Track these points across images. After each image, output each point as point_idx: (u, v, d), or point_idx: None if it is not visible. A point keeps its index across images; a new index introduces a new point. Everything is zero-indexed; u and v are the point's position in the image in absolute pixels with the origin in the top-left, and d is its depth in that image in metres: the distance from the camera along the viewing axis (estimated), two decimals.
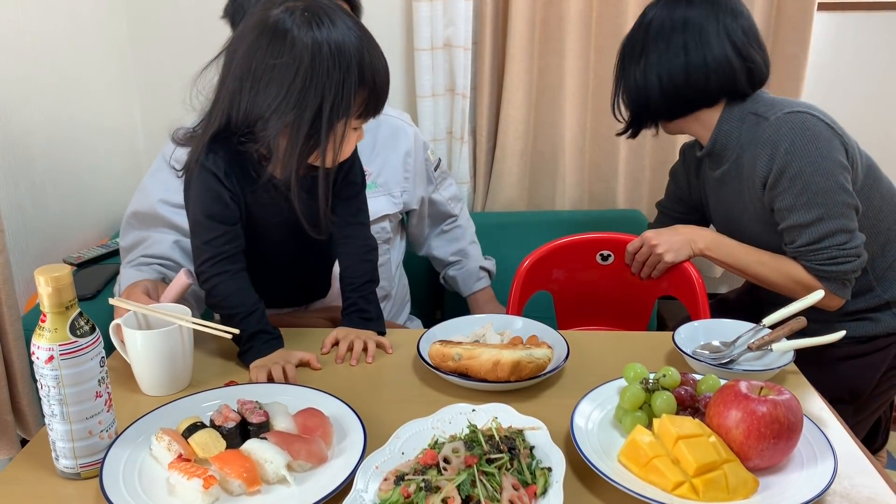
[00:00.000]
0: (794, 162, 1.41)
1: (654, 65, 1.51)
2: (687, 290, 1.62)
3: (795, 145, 1.41)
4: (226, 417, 1.00)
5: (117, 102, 2.24)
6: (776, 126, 1.44)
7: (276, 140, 1.14)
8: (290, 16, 1.12)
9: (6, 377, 1.48)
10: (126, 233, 1.53)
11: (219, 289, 1.23)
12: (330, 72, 1.11)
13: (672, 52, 1.49)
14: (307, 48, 1.10)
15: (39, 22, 1.84)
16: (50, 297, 0.90)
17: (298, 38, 1.11)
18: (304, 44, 1.10)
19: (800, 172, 1.41)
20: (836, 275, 1.44)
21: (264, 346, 1.24)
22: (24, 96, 1.76)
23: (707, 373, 1.10)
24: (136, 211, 1.53)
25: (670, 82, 1.51)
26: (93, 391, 0.94)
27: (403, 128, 1.71)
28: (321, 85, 1.11)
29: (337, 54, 1.11)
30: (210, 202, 1.21)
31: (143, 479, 0.94)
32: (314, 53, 1.10)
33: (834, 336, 1.17)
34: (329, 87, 1.11)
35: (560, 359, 1.18)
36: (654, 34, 1.51)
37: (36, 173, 1.80)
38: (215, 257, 1.23)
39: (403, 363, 1.25)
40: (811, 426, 0.98)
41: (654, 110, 1.57)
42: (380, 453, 0.94)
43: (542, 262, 1.72)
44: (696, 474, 0.87)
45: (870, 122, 2.40)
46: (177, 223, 1.51)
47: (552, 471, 0.90)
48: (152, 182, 1.54)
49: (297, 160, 1.15)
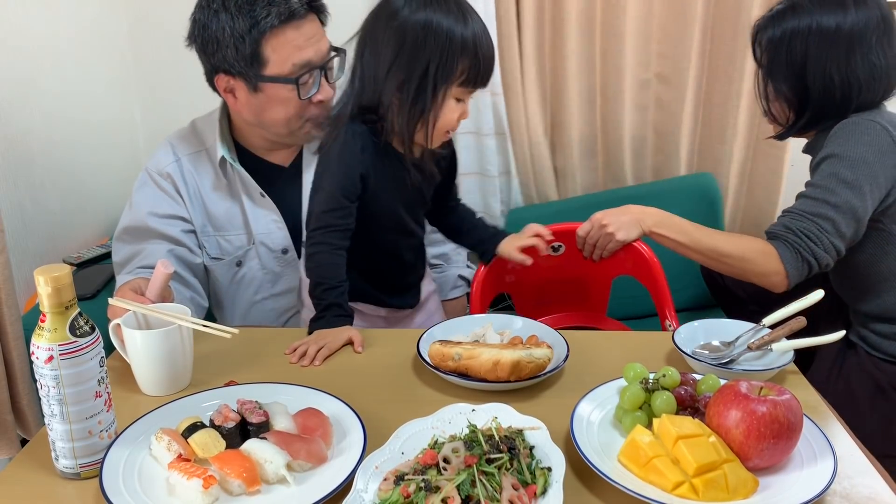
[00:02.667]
0: (835, 149, 1.44)
1: (860, 64, 1.46)
2: (644, 269, 1.64)
3: (843, 137, 1.44)
4: (225, 417, 1.00)
5: (117, 102, 2.24)
6: (843, 124, 1.46)
7: (390, 108, 1.31)
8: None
9: (6, 377, 1.48)
10: (119, 249, 1.54)
11: (318, 257, 1.34)
12: (437, 38, 1.27)
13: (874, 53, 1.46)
14: (416, 24, 1.27)
15: (39, 22, 1.84)
16: (49, 296, 0.90)
17: (409, 17, 1.27)
18: (415, 20, 1.27)
19: (832, 155, 1.44)
20: (799, 246, 1.42)
21: (334, 318, 1.32)
22: (24, 96, 1.76)
23: (707, 373, 1.10)
24: (127, 226, 1.54)
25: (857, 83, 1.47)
26: (92, 391, 0.94)
27: None
28: (428, 50, 1.27)
29: (444, 29, 1.27)
30: (342, 177, 1.35)
31: (143, 479, 0.94)
32: (421, 27, 1.27)
33: (834, 336, 1.17)
34: (434, 53, 1.27)
35: (560, 359, 1.18)
36: (859, 35, 1.45)
37: (36, 173, 1.80)
38: (329, 227, 1.34)
39: (403, 363, 1.25)
40: (811, 426, 0.98)
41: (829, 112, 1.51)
42: (379, 453, 0.94)
43: (496, 264, 1.67)
44: (696, 474, 0.87)
45: None
46: (168, 234, 1.52)
47: (552, 471, 0.89)
48: (139, 196, 1.55)
49: (407, 125, 1.32)
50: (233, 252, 1.58)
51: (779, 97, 1.54)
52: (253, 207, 1.56)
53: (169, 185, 1.54)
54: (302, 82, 1.44)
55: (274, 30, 1.39)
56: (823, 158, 1.46)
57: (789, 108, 1.54)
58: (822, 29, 1.45)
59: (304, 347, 1.27)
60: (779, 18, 1.50)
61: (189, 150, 1.57)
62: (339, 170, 1.36)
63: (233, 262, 1.59)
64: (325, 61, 1.47)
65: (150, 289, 1.27)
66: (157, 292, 1.26)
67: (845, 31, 1.44)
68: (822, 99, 1.48)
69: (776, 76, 1.52)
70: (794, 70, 1.49)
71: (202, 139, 1.58)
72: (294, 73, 1.42)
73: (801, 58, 1.47)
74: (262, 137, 1.55)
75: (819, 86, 1.47)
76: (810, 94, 1.49)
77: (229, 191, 1.57)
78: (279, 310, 1.64)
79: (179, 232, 1.53)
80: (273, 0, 1.38)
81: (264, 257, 1.59)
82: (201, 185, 1.56)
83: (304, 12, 1.41)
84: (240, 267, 1.59)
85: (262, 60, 1.41)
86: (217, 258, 1.59)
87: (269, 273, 1.61)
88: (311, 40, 1.43)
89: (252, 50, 1.40)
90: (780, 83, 1.52)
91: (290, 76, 1.42)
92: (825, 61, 1.45)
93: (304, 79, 1.44)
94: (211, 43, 1.41)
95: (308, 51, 1.43)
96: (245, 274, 1.60)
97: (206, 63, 1.46)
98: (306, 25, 1.42)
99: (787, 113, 1.55)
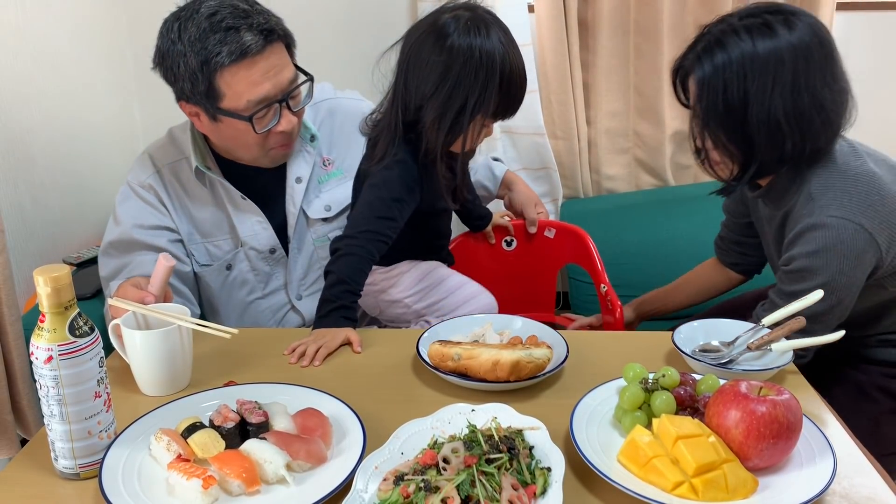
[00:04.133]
0: (815, 268, 1.31)
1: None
2: (585, 255, 1.84)
3: (823, 254, 1.30)
4: (225, 417, 1.00)
5: (117, 102, 2.24)
6: (817, 227, 1.30)
7: (429, 128, 1.37)
8: (455, 22, 1.35)
9: (6, 377, 1.48)
10: (105, 263, 1.53)
11: (353, 259, 1.36)
12: (477, 73, 1.33)
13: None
14: (461, 52, 1.33)
15: (39, 22, 1.84)
16: (49, 297, 0.90)
17: (457, 43, 1.33)
18: (461, 48, 1.33)
19: (815, 276, 1.31)
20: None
21: (341, 319, 1.33)
22: (24, 96, 1.76)
23: (706, 373, 1.10)
24: (113, 241, 1.52)
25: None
26: (92, 391, 0.94)
27: (358, 108, 1.69)
28: (468, 84, 1.33)
29: (487, 61, 1.33)
30: (402, 189, 1.41)
31: (143, 480, 0.94)
32: (466, 58, 1.33)
33: (834, 336, 1.17)
34: (474, 88, 1.34)
35: (559, 359, 1.18)
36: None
37: (36, 173, 1.80)
38: (376, 234, 1.39)
39: (403, 363, 1.25)
40: (810, 426, 0.98)
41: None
42: (379, 453, 0.94)
43: (460, 252, 1.82)
44: (696, 474, 0.87)
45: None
46: (156, 245, 1.51)
47: (551, 471, 0.89)
48: (123, 210, 1.53)
49: (441, 145, 1.38)
50: (222, 256, 1.58)
51: (717, 147, 1.35)
52: (236, 211, 1.55)
53: (152, 197, 1.53)
54: (258, 117, 1.40)
55: (226, 67, 1.35)
56: (795, 265, 1.33)
57: (732, 160, 1.35)
58: (759, 63, 1.26)
59: (303, 347, 1.27)
60: (706, 54, 1.30)
61: (169, 160, 1.55)
62: (401, 183, 1.41)
63: (222, 266, 1.58)
64: (285, 93, 1.42)
65: (153, 283, 1.26)
66: (160, 286, 1.26)
67: (786, 67, 1.26)
68: (768, 145, 1.30)
69: (712, 123, 1.32)
70: (733, 114, 1.29)
71: (181, 148, 1.56)
72: (248, 109, 1.38)
73: (741, 98, 1.28)
74: (234, 154, 1.54)
75: (763, 129, 1.28)
76: (754, 140, 1.30)
77: (211, 197, 1.55)
78: (273, 308, 1.64)
79: (167, 242, 1.52)
80: (225, 38, 1.33)
81: (253, 259, 1.59)
82: (184, 194, 1.55)
83: (259, 47, 1.36)
84: (230, 270, 1.59)
85: (217, 94, 1.38)
86: (207, 265, 1.58)
87: (260, 273, 1.61)
88: (269, 74, 1.38)
89: (206, 85, 1.36)
90: (718, 130, 1.32)
91: (244, 112, 1.39)
92: (768, 99, 1.27)
93: (261, 113, 1.40)
94: (170, 72, 1.39)
95: (264, 86, 1.38)
96: (236, 277, 1.60)
97: (171, 87, 1.45)
98: (262, 61, 1.37)
99: (731, 165, 1.36)
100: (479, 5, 1.40)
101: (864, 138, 1.47)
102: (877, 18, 2.41)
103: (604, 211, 2.42)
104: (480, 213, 1.84)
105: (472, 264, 1.85)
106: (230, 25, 1.34)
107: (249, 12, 1.37)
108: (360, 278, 1.37)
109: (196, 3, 1.38)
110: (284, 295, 1.64)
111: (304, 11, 2.31)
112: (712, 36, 1.31)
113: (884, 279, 1.37)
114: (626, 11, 2.35)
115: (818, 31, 1.29)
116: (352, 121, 1.66)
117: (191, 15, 1.36)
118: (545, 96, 2.44)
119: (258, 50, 1.36)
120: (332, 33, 2.42)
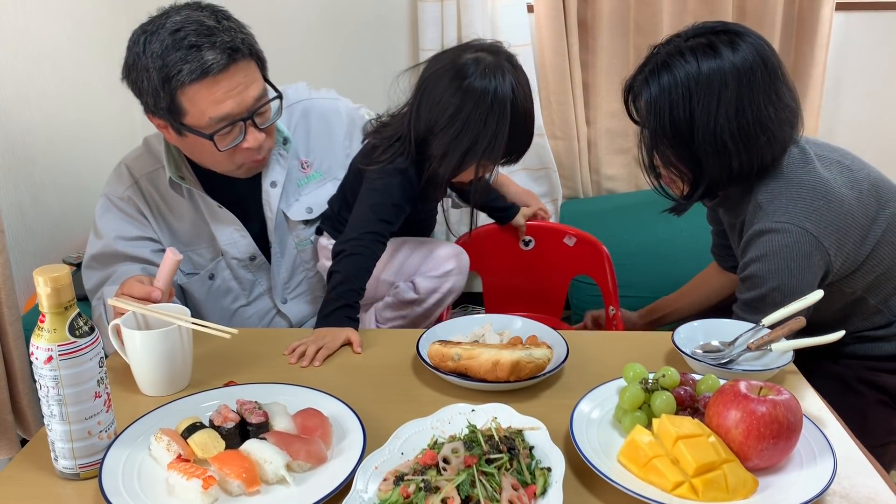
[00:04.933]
0: (763, 273, 1.34)
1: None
2: (599, 271, 1.81)
3: (770, 258, 1.33)
4: (225, 418, 1.00)
5: (117, 102, 2.24)
6: (763, 233, 1.34)
7: (435, 158, 1.42)
8: (475, 65, 1.39)
9: (6, 377, 1.48)
10: (90, 276, 1.52)
11: (359, 259, 1.40)
12: (487, 120, 1.38)
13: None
14: (474, 96, 1.37)
15: (39, 22, 1.84)
16: (49, 297, 0.90)
17: (472, 86, 1.37)
18: (475, 92, 1.37)
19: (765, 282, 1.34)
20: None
21: (344, 318, 1.34)
22: (24, 96, 1.76)
23: (706, 373, 1.10)
24: (95, 254, 1.51)
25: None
26: (92, 391, 0.94)
27: (333, 107, 1.68)
28: (477, 129, 1.38)
29: (498, 109, 1.38)
30: (401, 196, 1.47)
31: (143, 480, 0.93)
32: (478, 102, 1.37)
33: (833, 336, 1.17)
34: (484, 133, 1.38)
35: (559, 359, 1.18)
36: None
37: (36, 173, 1.80)
38: (378, 234, 1.43)
39: (403, 363, 1.25)
40: (810, 426, 0.98)
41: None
42: (379, 453, 0.94)
43: (478, 243, 1.82)
44: (696, 474, 0.87)
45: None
46: (139, 255, 1.50)
47: (552, 471, 0.89)
48: (104, 223, 1.52)
49: (444, 178, 1.45)
50: (205, 265, 1.57)
51: (667, 166, 1.38)
52: (213, 221, 1.54)
53: (131, 209, 1.52)
54: (221, 134, 1.37)
55: (186, 85, 1.32)
56: (750, 276, 1.36)
57: (682, 179, 1.38)
58: (703, 84, 1.29)
59: (304, 347, 1.27)
60: (653, 76, 1.33)
61: (146, 170, 1.54)
62: (401, 190, 1.46)
63: (206, 275, 1.57)
64: (251, 111, 1.39)
65: (160, 278, 1.26)
66: (167, 281, 1.25)
67: (729, 87, 1.28)
68: (715, 163, 1.32)
69: (660, 143, 1.35)
70: (680, 134, 1.32)
71: (157, 157, 1.54)
72: (210, 127, 1.35)
73: (687, 119, 1.30)
74: (207, 166, 1.52)
75: (710, 149, 1.31)
76: (701, 159, 1.33)
77: (189, 207, 1.54)
78: (259, 314, 1.63)
79: (150, 252, 1.51)
80: (186, 56, 1.31)
81: (234, 267, 1.58)
82: (163, 204, 1.54)
83: (220, 66, 1.32)
84: (213, 280, 1.58)
85: (180, 111, 1.35)
86: (191, 273, 1.57)
87: (242, 281, 1.60)
88: (232, 93, 1.35)
89: (168, 102, 1.35)
90: (667, 150, 1.35)
91: (205, 130, 1.36)
92: (713, 119, 1.29)
93: (225, 131, 1.37)
94: (135, 86, 1.38)
95: (226, 104, 1.35)
96: (219, 286, 1.59)
97: (139, 100, 1.43)
98: (224, 80, 1.33)
99: (681, 184, 1.40)
100: (502, 49, 1.44)
101: (864, 137, 1.47)
102: (877, 18, 2.41)
103: (603, 211, 2.42)
104: (499, 205, 1.84)
105: (490, 255, 1.85)
106: (192, 44, 1.31)
107: (215, 30, 1.33)
108: (364, 277, 1.39)
109: (163, 17, 1.35)
110: (269, 300, 1.63)
111: (305, 11, 2.31)
112: (660, 57, 1.34)
113: (841, 282, 1.39)
114: (625, 11, 2.36)
115: (762, 51, 1.31)
116: (327, 121, 1.65)
117: (156, 29, 1.33)
118: (545, 97, 2.44)
119: (220, 69, 1.32)
120: (332, 33, 2.42)
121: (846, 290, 1.41)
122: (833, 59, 2.39)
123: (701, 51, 1.31)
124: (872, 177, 1.42)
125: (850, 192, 1.36)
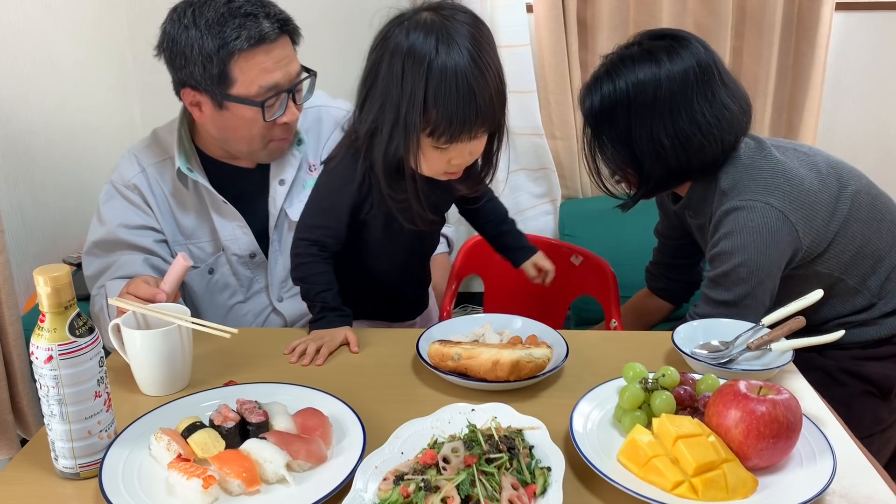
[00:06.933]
0: (730, 248, 1.38)
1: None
2: (604, 290, 1.76)
3: (737, 234, 1.37)
4: (225, 417, 1.00)
5: (117, 102, 2.24)
6: (730, 211, 1.39)
7: (367, 143, 1.24)
8: (405, 20, 1.17)
9: (6, 377, 1.48)
10: (90, 263, 1.52)
11: (305, 267, 1.34)
12: (405, 79, 1.14)
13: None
14: (391, 51, 1.15)
15: (39, 22, 1.84)
16: (49, 296, 0.90)
17: (392, 39, 1.16)
18: (395, 46, 1.15)
19: (731, 257, 1.38)
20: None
21: (335, 319, 1.33)
22: (24, 96, 1.77)
23: (706, 372, 1.10)
24: (97, 240, 1.51)
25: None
26: (92, 391, 0.94)
27: (346, 117, 1.64)
28: (396, 89, 1.15)
29: (412, 65, 1.13)
30: (334, 196, 1.33)
31: (143, 479, 0.93)
32: (393, 56, 1.15)
33: (833, 336, 1.17)
34: (403, 96, 1.15)
35: (559, 358, 1.18)
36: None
37: (36, 173, 1.80)
38: (315, 242, 1.34)
39: (403, 363, 1.25)
40: (810, 426, 0.98)
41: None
42: (379, 453, 0.94)
43: (482, 246, 1.75)
44: (696, 474, 0.87)
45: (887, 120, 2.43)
46: (141, 244, 1.50)
47: (551, 470, 0.89)
48: (108, 209, 1.53)
49: (383, 160, 1.21)
50: (205, 259, 1.58)
51: (610, 168, 1.47)
52: (217, 216, 1.55)
53: (137, 197, 1.53)
54: (268, 105, 1.41)
55: (243, 52, 1.36)
56: (719, 257, 1.40)
57: (627, 180, 1.47)
58: (640, 90, 1.36)
59: (304, 346, 1.27)
60: (595, 85, 1.41)
61: (154, 160, 1.55)
62: (334, 190, 1.33)
63: (205, 269, 1.58)
64: (293, 84, 1.44)
65: (167, 280, 1.26)
66: (174, 285, 1.26)
67: (663, 92, 1.35)
68: (655, 164, 1.40)
69: (604, 149, 1.44)
70: (620, 138, 1.40)
71: (165, 148, 1.55)
72: (260, 95, 1.40)
73: (625, 127, 1.39)
74: (224, 150, 1.54)
75: (649, 150, 1.39)
76: (641, 161, 1.41)
77: (194, 200, 1.55)
78: (255, 311, 1.63)
79: (152, 242, 1.52)
80: (244, 23, 1.35)
81: (234, 263, 1.58)
82: (168, 195, 1.55)
83: (275, 36, 1.38)
84: (212, 274, 1.59)
85: (229, 80, 1.39)
86: (192, 267, 1.57)
87: (241, 278, 1.60)
88: (281, 63, 1.40)
89: (220, 70, 1.37)
90: (609, 153, 1.44)
91: (255, 98, 1.40)
92: (650, 128, 1.37)
93: (271, 101, 1.41)
94: (179, 57, 1.39)
95: (276, 74, 1.40)
96: (218, 280, 1.59)
97: (173, 75, 1.45)
98: (276, 49, 1.39)
99: (627, 185, 1.49)
100: (448, 4, 1.19)
101: (864, 137, 1.49)
102: (877, 18, 2.42)
103: (603, 211, 2.41)
104: (509, 242, 1.57)
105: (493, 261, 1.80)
106: (249, 11, 1.36)
107: (265, 2, 1.40)
108: (324, 277, 1.34)
109: None
110: (266, 298, 1.63)
111: (305, 11, 2.31)
112: (604, 66, 1.42)
113: (815, 263, 1.42)
114: (625, 11, 2.36)
115: (698, 56, 1.38)
116: (338, 131, 1.66)
117: (206, 1, 1.37)
118: (543, 97, 2.44)
119: (274, 38, 1.38)
120: (332, 33, 2.42)
121: (822, 270, 1.44)
122: (833, 59, 2.39)
123: (640, 58, 1.38)
124: (831, 160, 1.49)
125: (809, 173, 1.42)
